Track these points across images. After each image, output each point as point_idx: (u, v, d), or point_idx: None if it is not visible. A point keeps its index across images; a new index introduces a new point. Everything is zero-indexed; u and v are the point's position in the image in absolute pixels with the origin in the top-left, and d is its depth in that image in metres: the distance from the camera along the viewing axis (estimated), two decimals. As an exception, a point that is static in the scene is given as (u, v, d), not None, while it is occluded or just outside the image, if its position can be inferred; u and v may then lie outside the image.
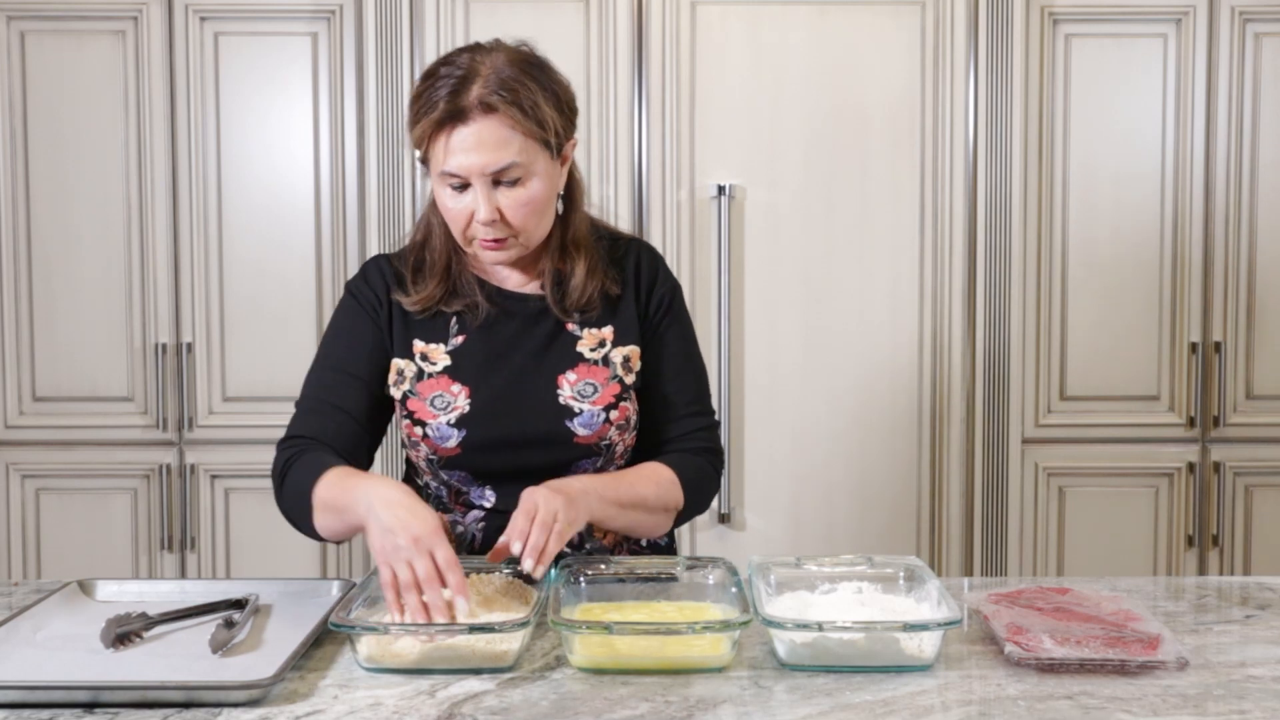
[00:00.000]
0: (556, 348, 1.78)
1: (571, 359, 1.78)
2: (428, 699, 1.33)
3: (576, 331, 1.79)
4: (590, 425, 1.75)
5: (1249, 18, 3.14)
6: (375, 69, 3.04)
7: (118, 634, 1.48)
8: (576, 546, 1.79)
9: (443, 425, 1.75)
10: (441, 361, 1.78)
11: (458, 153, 1.66)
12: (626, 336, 1.80)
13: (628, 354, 1.80)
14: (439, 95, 1.66)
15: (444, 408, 1.75)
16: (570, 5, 3.04)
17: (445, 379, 1.77)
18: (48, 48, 3.16)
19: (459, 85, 1.66)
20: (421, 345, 1.79)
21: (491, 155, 1.66)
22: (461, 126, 1.66)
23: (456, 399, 1.75)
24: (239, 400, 3.20)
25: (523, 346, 1.78)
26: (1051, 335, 3.19)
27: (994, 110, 3.06)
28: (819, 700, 1.32)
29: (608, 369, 1.78)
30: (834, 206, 3.08)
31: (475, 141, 1.66)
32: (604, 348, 1.79)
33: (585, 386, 1.76)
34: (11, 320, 3.20)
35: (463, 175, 1.67)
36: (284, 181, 3.18)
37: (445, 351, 1.79)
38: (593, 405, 1.76)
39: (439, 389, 1.76)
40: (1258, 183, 3.18)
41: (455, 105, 1.65)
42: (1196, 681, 1.37)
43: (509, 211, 1.69)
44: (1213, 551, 3.24)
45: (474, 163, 1.66)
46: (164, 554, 3.22)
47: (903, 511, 3.13)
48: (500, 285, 1.82)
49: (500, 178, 1.68)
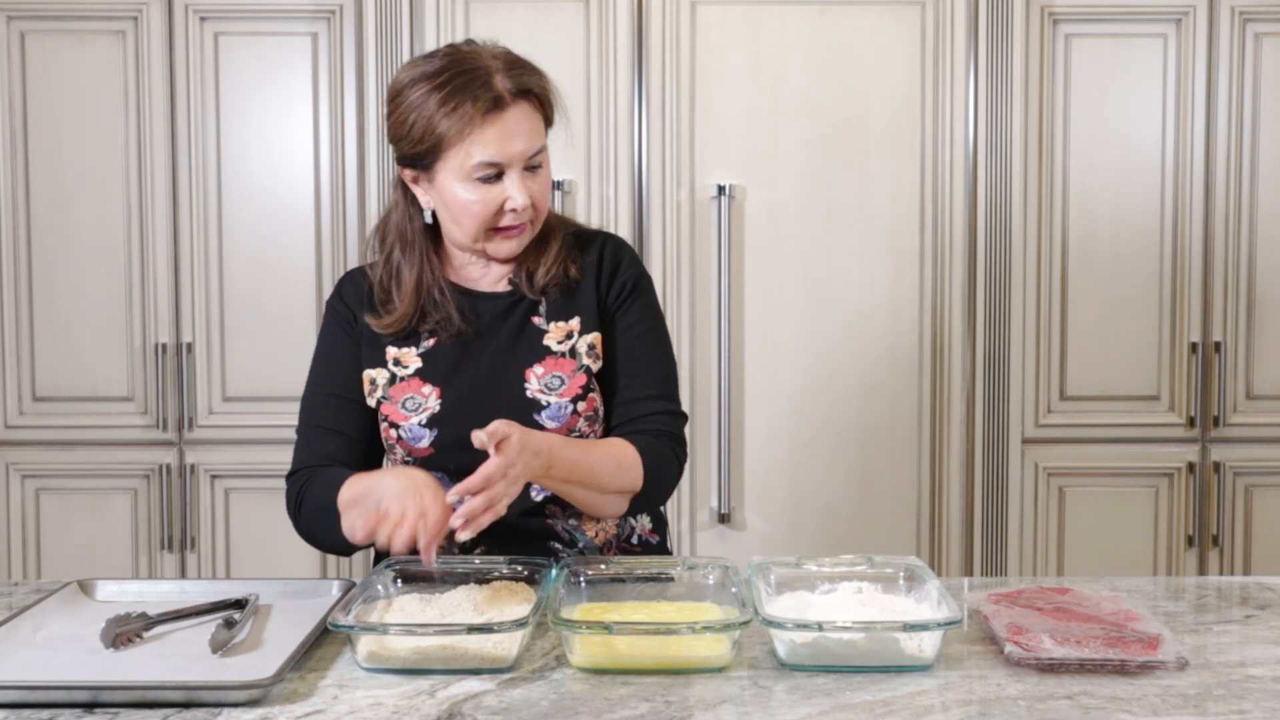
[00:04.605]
0: (524, 342, 1.79)
1: (539, 353, 1.78)
2: (428, 699, 1.33)
3: (543, 325, 1.80)
4: (558, 418, 1.76)
5: (1249, 18, 3.14)
6: (375, 69, 3.04)
7: (118, 634, 1.48)
8: (568, 544, 1.79)
9: (414, 426, 1.76)
10: (413, 364, 1.80)
11: (499, 141, 1.67)
12: (590, 324, 1.80)
13: (592, 341, 1.80)
14: (471, 88, 1.66)
15: (415, 409, 1.77)
16: (570, 5, 3.04)
17: (416, 381, 1.78)
18: (48, 48, 3.16)
19: (485, 76, 1.67)
20: (394, 351, 1.81)
21: (529, 141, 1.70)
22: (501, 114, 1.67)
23: (427, 400, 1.77)
24: (239, 400, 3.20)
25: (491, 344, 1.79)
26: (1051, 335, 3.19)
27: (994, 110, 3.06)
28: (819, 700, 1.32)
29: (574, 360, 1.78)
30: (834, 206, 3.08)
31: (515, 128, 1.68)
32: (571, 339, 1.80)
33: (552, 379, 1.77)
34: (11, 320, 3.20)
35: (503, 163, 1.69)
36: (284, 181, 3.18)
37: (417, 354, 1.80)
38: (560, 398, 1.76)
39: (410, 391, 1.78)
40: (1258, 183, 3.18)
41: (494, 93, 1.67)
42: (1196, 681, 1.37)
43: (535, 196, 1.73)
44: (1213, 551, 3.24)
45: (516, 149, 1.68)
46: (164, 554, 3.22)
47: (903, 511, 3.13)
48: (472, 287, 1.82)
49: (531, 163, 1.71)
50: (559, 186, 3.01)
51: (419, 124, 1.69)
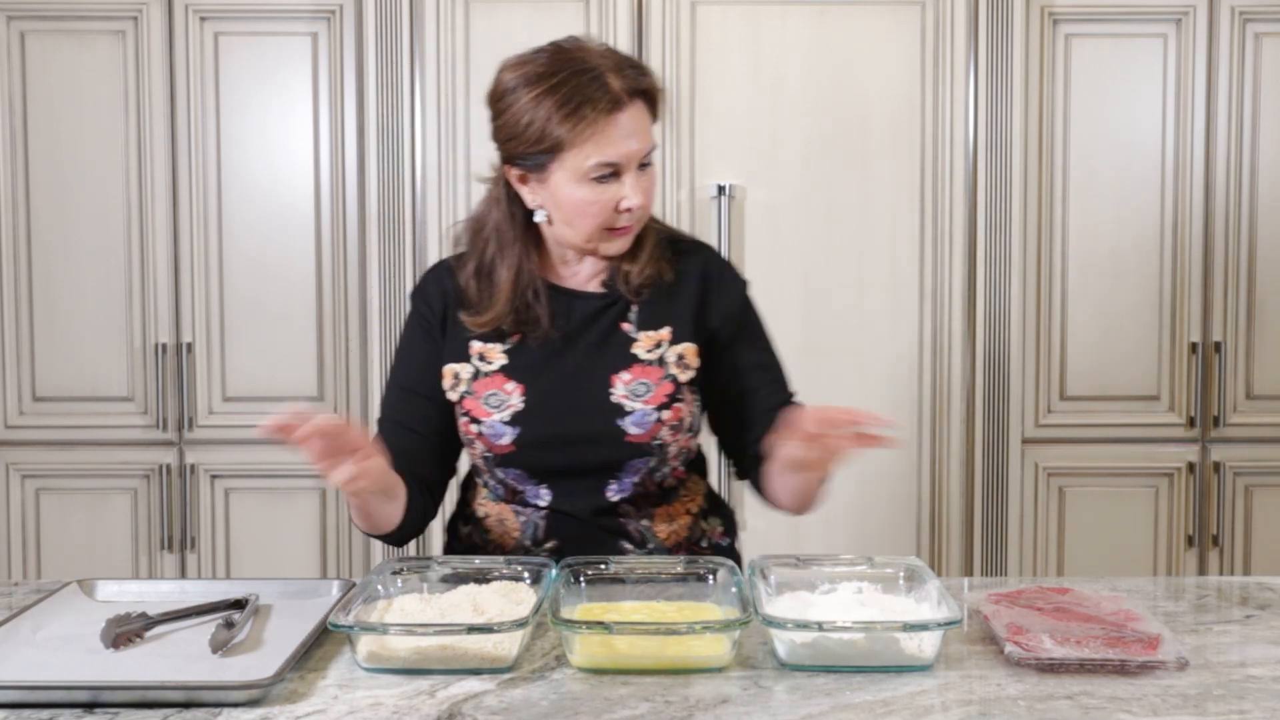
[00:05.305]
0: (612, 347, 1.78)
1: (626, 359, 1.78)
2: (428, 699, 1.33)
3: (633, 333, 1.79)
4: (642, 424, 1.75)
5: (1249, 18, 3.14)
6: (375, 69, 3.04)
7: (118, 634, 1.48)
8: (639, 544, 1.80)
9: (496, 423, 1.76)
10: (498, 360, 1.79)
11: (618, 140, 1.68)
12: (682, 335, 1.80)
13: (682, 351, 1.79)
14: (588, 89, 1.66)
15: (498, 405, 1.76)
16: (570, 5, 3.04)
17: (500, 377, 1.78)
18: (48, 48, 3.16)
19: (599, 77, 1.67)
20: (479, 346, 1.80)
21: (643, 141, 1.71)
22: (618, 115, 1.67)
23: (511, 397, 1.76)
24: (239, 400, 3.20)
25: (578, 345, 1.79)
26: (1051, 335, 3.19)
27: (994, 110, 3.06)
28: (819, 700, 1.32)
29: (662, 369, 1.78)
30: (834, 206, 3.08)
31: (631, 128, 1.69)
32: (659, 348, 1.79)
33: (639, 386, 1.77)
34: (11, 320, 3.20)
35: (620, 164, 1.69)
36: (284, 181, 3.18)
37: (502, 350, 1.79)
38: (645, 404, 1.76)
39: (494, 387, 1.77)
40: (1258, 183, 3.18)
41: (612, 95, 1.67)
42: (1196, 681, 1.37)
43: (646, 194, 1.73)
44: (1213, 551, 3.24)
45: (634, 149, 1.69)
46: (164, 554, 3.22)
47: (903, 511, 3.13)
48: (566, 285, 1.82)
49: (644, 161, 1.72)
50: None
51: (535, 125, 1.68)
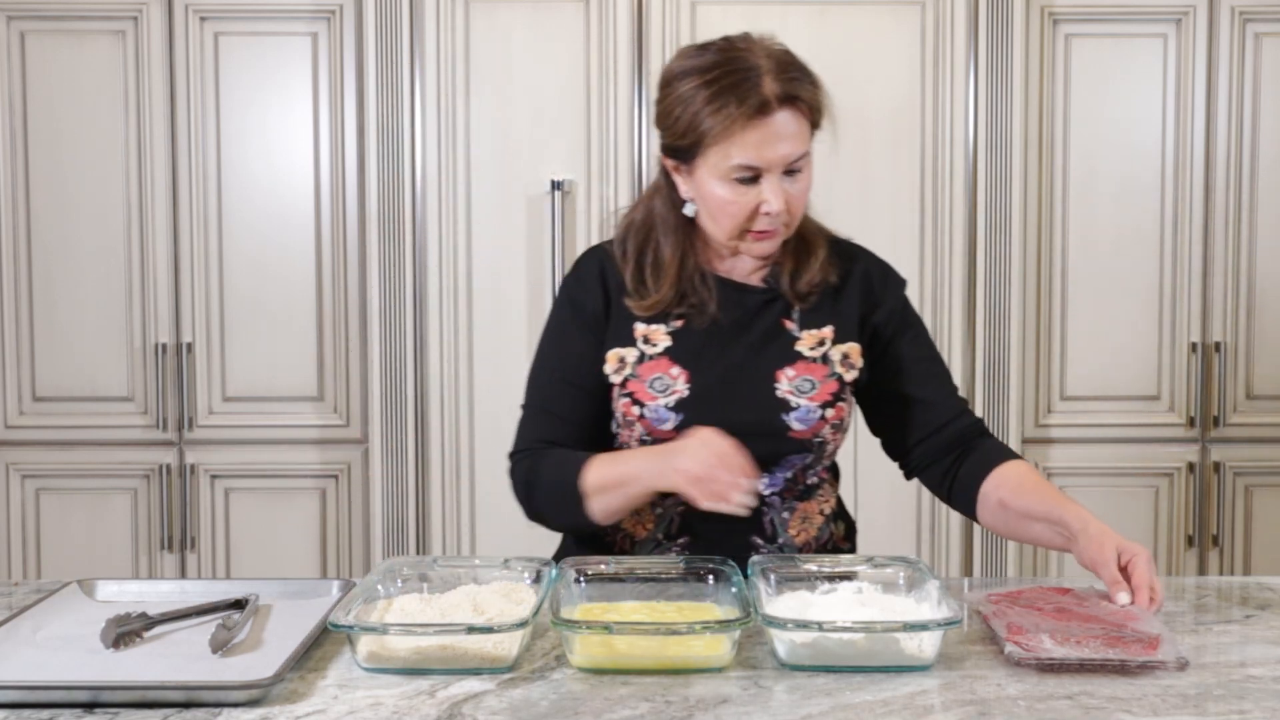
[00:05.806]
0: (775, 344, 1.79)
1: (790, 355, 1.78)
2: (428, 699, 1.33)
3: (795, 331, 1.80)
4: (806, 420, 1.76)
5: (1249, 18, 3.14)
6: (375, 69, 3.04)
7: (118, 634, 1.48)
8: (770, 540, 1.79)
9: (661, 408, 1.75)
10: (662, 343, 1.78)
11: (760, 145, 1.67)
12: (846, 335, 1.81)
13: (846, 351, 1.80)
14: (739, 89, 1.66)
15: (663, 390, 1.76)
16: (570, 5, 3.04)
17: (665, 361, 1.77)
18: (48, 48, 3.16)
19: (755, 78, 1.67)
20: (643, 328, 1.79)
21: (791, 147, 1.70)
22: (766, 118, 1.67)
23: (676, 382, 1.76)
24: (239, 400, 3.20)
25: (742, 338, 1.79)
26: (1051, 335, 3.19)
27: (994, 110, 3.06)
28: (819, 700, 1.32)
29: (826, 366, 1.78)
30: (833, 206, 3.07)
31: (778, 133, 1.68)
32: (823, 346, 1.80)
33: (803, 382, 1.77)
34: (11, 320, 3.20)
35: (761, 167, 1.69)
36: (284, 181, 3.18)
37: (666, 333, 1.79)
38: (810, 401, 1.76)
39: (658, 371, 1.77)
40: (1258, 183, 3.18)
41: (761, 97, 1.66)
42: (1196, 681, 1.37)
43: (792, 201, 1.73)
44: (1213, 551, 3.24)
45: (778, 154, 1.69)
46: (164, 554, 3.22)
47: (903, 511, 3.13)
48: (727, 275, 1.82)
49: (791, 168, 1.71)
50: (559, 187, 3.01)
51: (684, 118, 1.69)
